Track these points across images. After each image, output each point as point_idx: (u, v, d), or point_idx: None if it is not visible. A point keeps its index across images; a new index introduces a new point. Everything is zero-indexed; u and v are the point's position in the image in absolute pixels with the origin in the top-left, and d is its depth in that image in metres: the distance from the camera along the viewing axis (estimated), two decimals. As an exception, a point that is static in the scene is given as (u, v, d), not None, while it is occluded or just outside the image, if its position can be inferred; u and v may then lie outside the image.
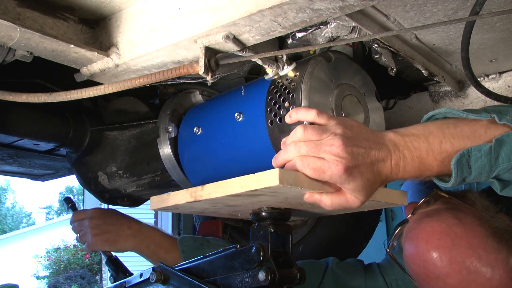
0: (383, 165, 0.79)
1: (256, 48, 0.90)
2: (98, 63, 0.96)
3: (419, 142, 0.82)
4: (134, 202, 1.57)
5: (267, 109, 1.02)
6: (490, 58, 1.29)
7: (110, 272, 1.43)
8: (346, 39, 1.00)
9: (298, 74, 0.99)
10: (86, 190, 1.50)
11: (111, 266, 1.44)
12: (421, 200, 1.12)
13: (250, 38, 0.84)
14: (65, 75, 1.07)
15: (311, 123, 0.82)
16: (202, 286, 0.90)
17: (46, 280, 15.61)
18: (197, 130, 1.18)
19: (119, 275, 1.40)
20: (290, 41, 1.03)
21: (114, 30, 0.95)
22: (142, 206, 1.68)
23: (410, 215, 1.11)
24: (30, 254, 16.75)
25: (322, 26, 0.98)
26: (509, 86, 1.40)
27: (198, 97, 1.33)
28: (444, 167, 0.82)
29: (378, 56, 1.12)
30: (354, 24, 0.95)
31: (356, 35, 0.99)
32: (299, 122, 0.85)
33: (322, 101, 0.98)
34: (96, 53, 0.92)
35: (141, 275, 1.05)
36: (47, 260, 15.75)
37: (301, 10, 0.74)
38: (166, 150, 1.25)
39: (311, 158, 0.76)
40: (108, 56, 0.94)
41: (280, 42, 1.03)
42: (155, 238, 1.51)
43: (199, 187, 0.86)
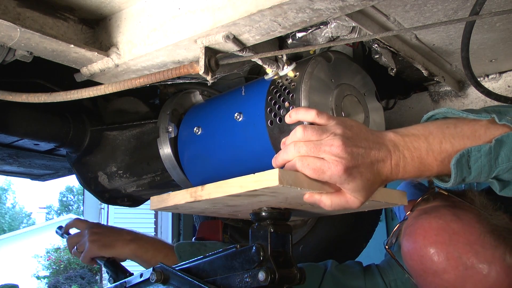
0: (383, 165, 0.80)
1: (256, 48, 0.90)
2: (98, 63, 0.96)
3: (419, 142, 0.82)
4: (134, 202, 1.57)
5: (267, 109, 1.01)
6: (490, 58, 1.29)
7: (109, 274, 1.42)
8: (346, 39, 1.00)
9: (298, 74, 0.99)
10: (86, 190, 1.50)
11: (110, 267, 1.43)
12: (415, 193, 1.12)
13: (250, 38, 0.84)
14: (65, 75, 1.07)
15: (311, 123, 0.82)
16: (202, 286, 0.90)
17: (46, 280, 15.62)
18: (197, 130, 1.18)
19: (119, 276, 1.40)
20: (290, 41, 1.03)
21: (114, 30, 0.95)
22: (142, 206, 1.68)
23: (409, 212, 1.11)
24: (30, 254, 16.76)
25: (322, 26, 0.98)
26: (509, 86, 1.39)
27: (198, 97, 1.33)
28: (444, 167, 0.82)
29: (378, 56, 1.12)
30: (354, 24, 0.95)
31: (356, 35, 0.99)
32: (299, 122, 0.85)
33: (322, 101, 0.98)
34: (96, 53, 0.92)
35: (141, 275, 1.05)
36: (47, 260, 15.77)
37: (301, 10, 0.74)
38: (166, 150, 1.25)
39: (311, 158, 0.76)
40: (108, 56, 0.94)
41: (280, 42, 1.03)
42: (154, 243, 1.52)
43: (199, 187, 0.86)
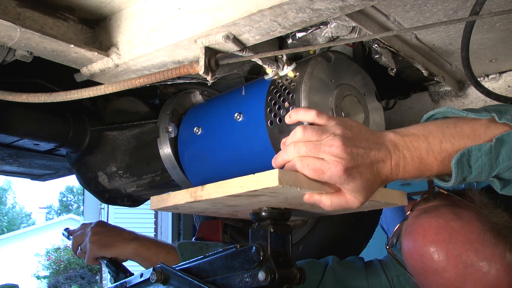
0: (383, 165, 0.79)
1: (256, 48, 0.90)
2: (98, 63, 0.96)
3: (419, 142, 0.82)
4: (134, 202, 1.57)
5: (267, 109, 1.01)
6: (490, 58, 1.29)
7: (110, 273, 1.43)
8: (346, 39, 1.00)
9: (298, 74, 0.99)
10: (86, 190, 1.50)
11: (111, 267, 1.43)
12: (404, 213, 1.13)
13: (250, 38, 0.84)
14: (65, 75, 1.07)
15: (311, 124, 0.82)
16: (202, 286, 0.90)
17: (46, 280, 15.62)
18: (197, 130, 1.18)
19: (119, 275, 1.40)
20: (290, 41, 1.03)
21: (114, 30, 0.95)
22: (142, 206, 1.68)
23: (409, 212, 1.11)
24: (31, 253, 16.77)
25: (322, 26, 0.98)
26: (509, 86, 1.39)
27: (198, 97, 1.33)
28: (444, 167, 0.82)
29: (378, 56, 1.12)
30: (354, 24, 0.95)
31: (356, 35, 0.99)
32: (299, 123, 0.85)
33: (321, 101, 0.98)
34: (96, 53, 0.92)
35: (141, 275, 1.05)
36: (47, 260, 15.77)
37: (301, 10, 0.74)
38: (166, 150, 1.25)
39: (311, 158, 0.76)
40: (108, 56, 0.94)
41: (280, 42, 1.03)
42: (155, 242, 1.53)
43: (199, 187, 0.86)
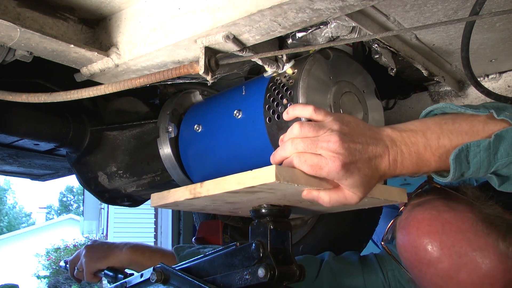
0: (381, 160, 0.79)
1: (256, 48, 0.90)
2: (98, 63, 0.96)
3: (417, 137, 0.82)
4: (134, 202, 1.57)
5: (266, 106, 1.01)
6: (490, 58, 1.29)
7: (109, 282, 1.41)
8: (346, 39, 0.99)
9: (296, 71, 0.99)
10: (86, 190, 1.50)
11: (109, 274, 1.42)
12: (390, 221, 1.13)
13: (250, 38, 0.84)
14: (65, 75, 1.07)
15: (309, 120, 0.82)
16: (202, 286, 0.90)
17: (46, 280, 15.63)
18: (197, 128, 1.18)
19: (118, 278, 1.40)
20: (290, 41, 1.03)
21: (114, 30, 0.95)
22: (142, 206, 1.68)
23: (403, 208, 1.11)
24: (31, 253, 16.78)
25: (322, 26, 0.98)
26: (509, 86, 1.39)
27: (198, 97, 1.33)
28: (442, 163, 0.82)
29: (378, 56, 1.12)
30: (354, 24, 0.95)
31: (356, 35, 0.99)
32: (297, 119, 0.85)
33: (320, 98, 0.98)
34: (96, 53, 0.92)
35: (141, 275, 1.05)
36: (47, 260, 15.77)
37: (301, 10, 0.74)
38: (166, 150, 1.25)
39: (308, 154, 0.76)
40: (108, 56, 0.94)
41: (280, 42, 1.03)
42: (149, 247, 1.53)
43: (198, 184, 0.86)
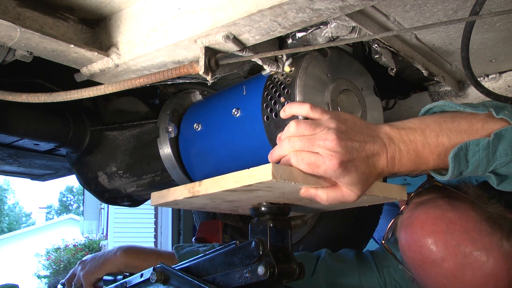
0: (378, 158, 0.79)
1: (256, 48, 0.90)
2: (98, 63, 0.96)
3: (415, 135, 0.82)
4: (134, 202, 1.57)
5: (263, 104, 1.01)
6: (490, 58, 1.29)
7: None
8: (346, 39, 0.99)
9: (293, 69, 0.99)
10: (86, 190, 1.50)
11: (108, 279, 1.41)
12: (391, 219, 1.13)
13: (250, 38, 0.84)
14: (65, 75, 1.07)
15: (306, 118, 0.82)
16: (202, 286, 0.90)
17: (46, 280, 15.63)
18: (197, 127, 1.18)
19: (117, 279, 1.39)
20: (290, 41, 1.03)
21: (114, 30, 0.95)
22: (142, 206, 1.68)
23: (404, 206, 1.11)
24: (31, 253, 16.78)
25: (322, 26, 0.98)
26: (509, 86, 1.39)
27: (198, 97, 1.33)
28: (440, 161, 0.82)
29: (378, 56, 1.12)
30: (354, 24, 0.95)
31: (356, 35, 0.99)
32: (294, 117, 0.85)
33: (317, 96, 0.98)
34: (96, 53, 0.92)
35: (141, 275, 1.05)
36: (47, 260, 15.77)
37: (301, 10, 0.74)
38: (166, 150, 1.25)
39: (306, 153, 0.76)
40: (108, 56, 0.94)
41: (280, 42, 1.03)
42: (145, 249, 1.49)
43: (197, 183, 0.86)
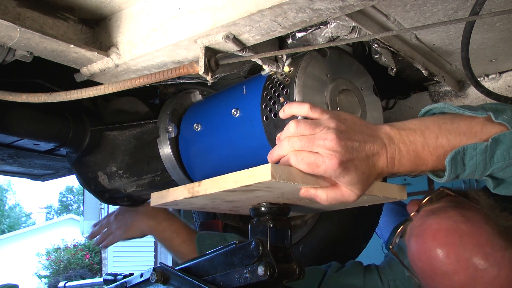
0: (378, 158, 0.79)
1: (256, 48, 0.90)
2: (98, 63, 0.96)
3: (415, 136, 0.82)
4: (134, 202, 1.57)
5: (263, 104, 1.01)
6: (490, 58, 1.29)
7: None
8: (346, 39, 0.99)
9: (292, 69, 0.99)
10: (86, 190, 1.50)
11: (109, 278, 1.42)
12: (396, 220, 1.12)
13: (250, 38, 0.84)
14: (65, 75, 1.07)
15: (305, 118, 0.82)
16: (202, 286, 0.90)
17: (46, 279, 15.64)
18: (196, 127, 1.18)
19: (117, 278, 1.39)
20: (290, 41, 1.02)
21: (114, 30, 0.95)
22: (142, 206, 1.68)
23: (414, 213, 1.10)
24: (31, 253, 16.79)
25: (322, 26, 0.98)
26: (509, 86, 1.39)
27: (198, 97, 1.33)
28: (439, 162, 0.82)
29: (378, 56, 1.12)
30: (354, 24, 0.95)
31: (356, 35, 0.99)
32: (293, 117, 0.85)
33: (316, 96, 0.98)
34: (96, 53, 0.92)
35: (141, 275, 1.05)
36: (47, 259, 15.78)
37: (301, 10, 0.74)
38: (166, 150, 1.25)
39: (305, 152, 0.76)
40: (108, 56, 0.94)
41: (280, 42, 1.03)
42: (173, 224, 1.49)
43: (196, 183, 0.86)
